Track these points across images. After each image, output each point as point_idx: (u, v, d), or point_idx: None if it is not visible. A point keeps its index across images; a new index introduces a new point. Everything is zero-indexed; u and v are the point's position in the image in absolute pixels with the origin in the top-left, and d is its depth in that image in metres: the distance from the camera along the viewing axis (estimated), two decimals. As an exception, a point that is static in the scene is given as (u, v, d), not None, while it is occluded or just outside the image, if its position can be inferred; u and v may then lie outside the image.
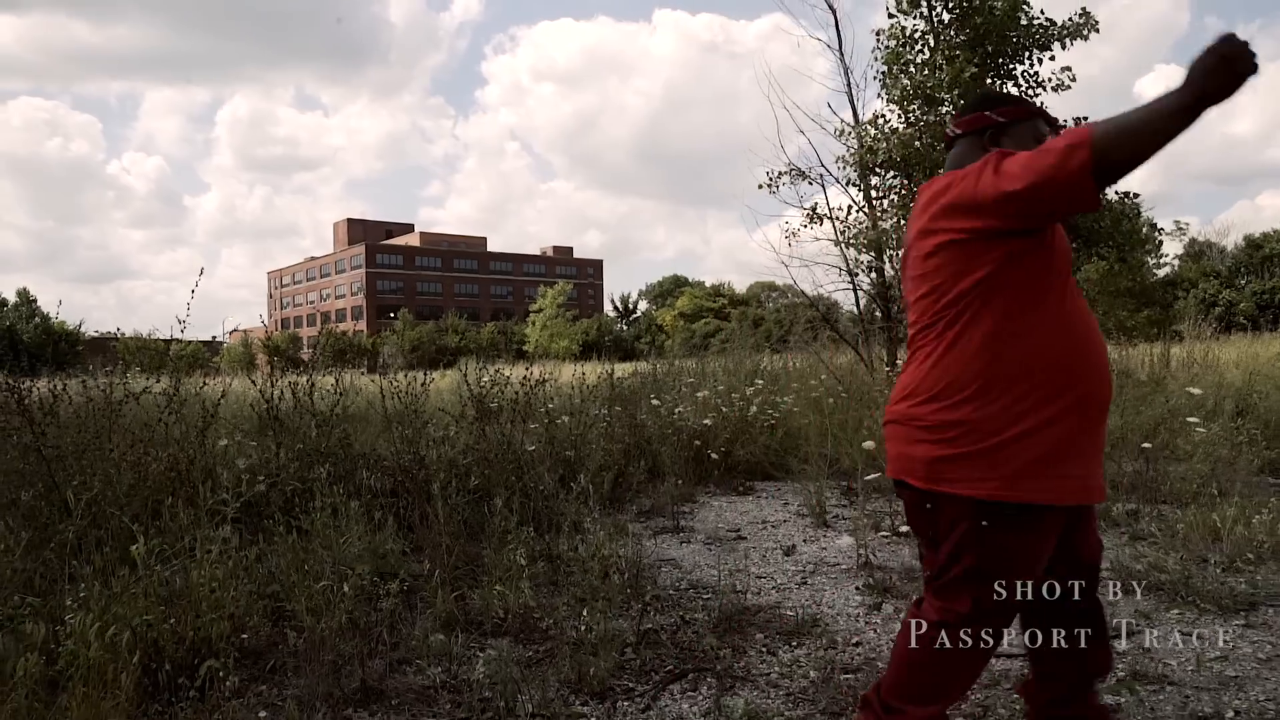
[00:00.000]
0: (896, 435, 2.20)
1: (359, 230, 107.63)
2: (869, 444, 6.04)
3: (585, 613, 3.32)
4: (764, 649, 3.27)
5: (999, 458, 1.97)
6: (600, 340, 59.98)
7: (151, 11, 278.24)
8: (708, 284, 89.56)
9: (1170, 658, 3.11)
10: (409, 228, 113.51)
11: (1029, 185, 1.85)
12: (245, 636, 3.11)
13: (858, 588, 4.02)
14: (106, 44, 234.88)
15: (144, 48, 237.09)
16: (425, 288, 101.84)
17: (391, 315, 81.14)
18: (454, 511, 4.40)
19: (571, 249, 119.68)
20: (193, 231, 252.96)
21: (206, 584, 3.18)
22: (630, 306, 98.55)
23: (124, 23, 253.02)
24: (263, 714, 2.66)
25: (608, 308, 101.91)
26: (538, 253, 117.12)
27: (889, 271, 11.16)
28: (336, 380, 6.17)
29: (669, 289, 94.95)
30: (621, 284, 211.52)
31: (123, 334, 8.18)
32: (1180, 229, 59.34)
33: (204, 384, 6.09)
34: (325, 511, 4.07)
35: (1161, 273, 59.88)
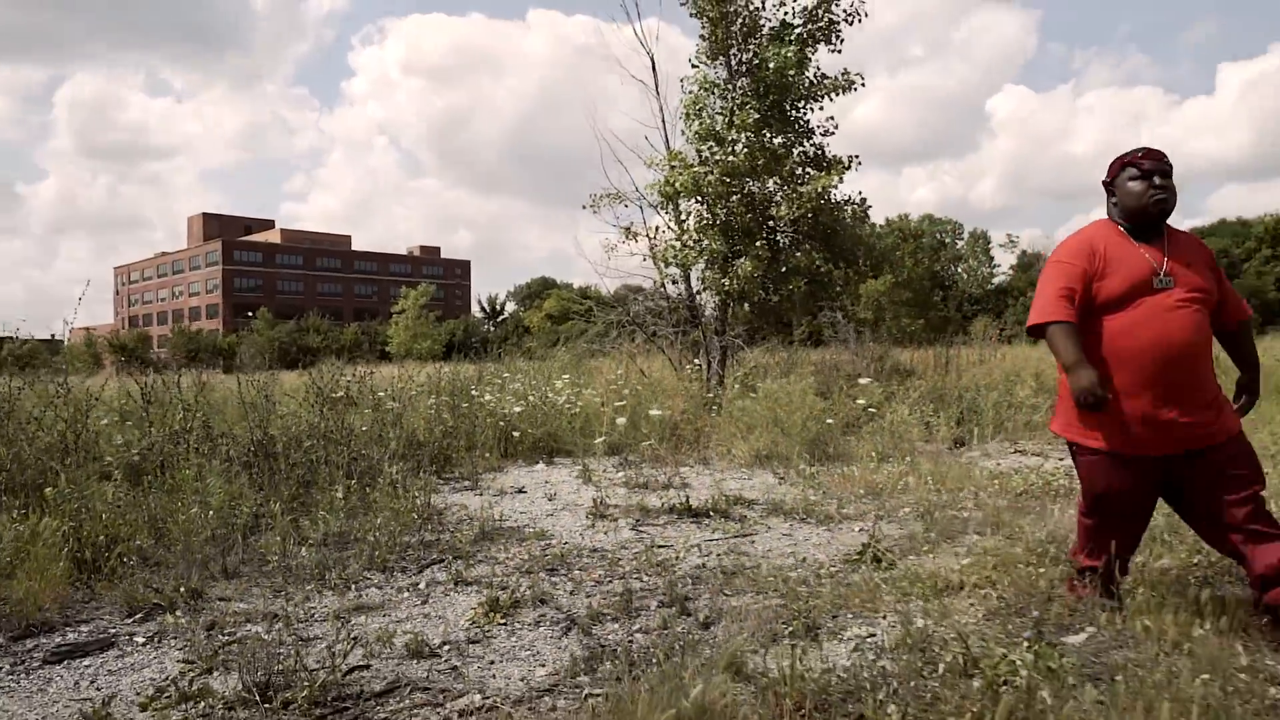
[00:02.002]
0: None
1: (215, 225, 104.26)
2: (621, 420, 7.80)
3: (379, 521, 4.87)
4: (502, 548, 4.90)
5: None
6: (466, 341, 60.71)
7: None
8: (576, 286, 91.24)
9: (763, 544, 4.91)
10: (269, 224, 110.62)
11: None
12: (138, 543, 4.51)
13: (586, 516, 5.71)
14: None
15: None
16: (286, 286, 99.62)
17: (250, 314, 79.25)
18: (293, 467, 5.85)
19: (439, 249, 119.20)
20: (26, 221, 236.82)
21: (108, 511, 4.58)
22: (498, 308, 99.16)
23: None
24: (155, 587, 4.08)
25: (475, 309, 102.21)
26: (404, 252, 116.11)
27: (694, 284, 13.05)
28: (199, 376, 7.48)
29: (537, 290, 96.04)
30: (491, 285, 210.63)
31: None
32: (1012, 241, 64.92)
33: (84, 380, 7.28)
34: (192, 470, 5.45)
35: (996, 281, 65.38)
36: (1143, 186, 3.18)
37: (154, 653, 3.38)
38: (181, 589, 3.93)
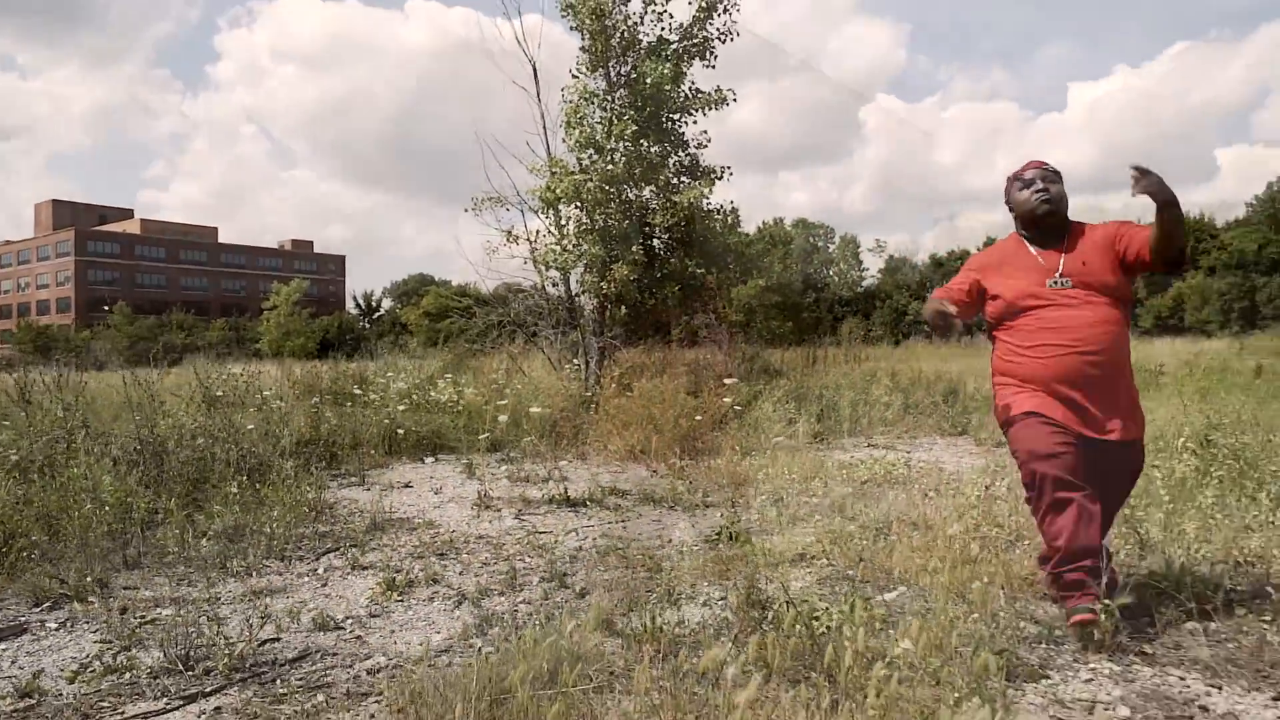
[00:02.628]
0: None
1: (67, 213, 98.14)
2: (503, 417, 8.21)
3: (275, 514, 5.17)
4: (393, 536, 5.27)
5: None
6: (341, 339, 59.36)
7: None
8: (455, 284, 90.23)
9: (635, 529, 5.43)
10: (128, 213, 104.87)
11: None
12: (33, 538, 4.67)
13: (471, 507, 6.12)
14: None
15: None
16: (146, 280, 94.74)
17: (106, 308, 75.07)
18: (184, 465, 6.04)
19: (312, 243, 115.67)
20: None
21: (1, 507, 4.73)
22: (374, 304, 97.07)
23: None
24: (61, 578, 4.28)
25: (350, 305, 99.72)
26: (275, 246, 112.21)
27: (574, 287, 13.52)
28: (78, 376, 7.49)
29: (415, 288, 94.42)
30: (367, 281, 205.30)
31: None
32: (880, 246, 68.12)
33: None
34: (81, 469, 5.59)
35: (865, 284, 68.38)
36: (1028, 194, 3.41)
37: (69, 636, 3.64)
38: (88, 579, 4.16)
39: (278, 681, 3.07)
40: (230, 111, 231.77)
